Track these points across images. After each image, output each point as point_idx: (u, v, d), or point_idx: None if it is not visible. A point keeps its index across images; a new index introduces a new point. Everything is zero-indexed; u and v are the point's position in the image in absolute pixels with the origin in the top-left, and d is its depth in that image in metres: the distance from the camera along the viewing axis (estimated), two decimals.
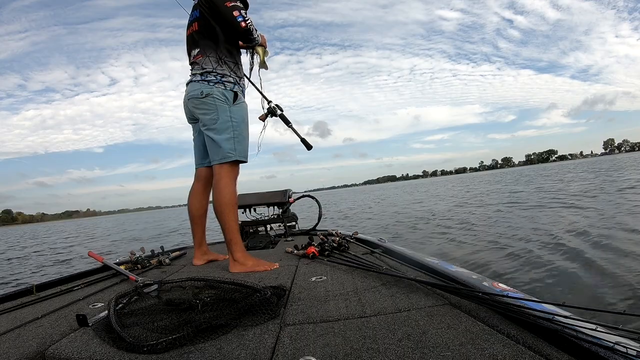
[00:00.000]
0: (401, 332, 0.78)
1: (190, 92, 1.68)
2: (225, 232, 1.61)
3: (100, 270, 1.82)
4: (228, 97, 1.64)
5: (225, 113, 1.62)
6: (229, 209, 1.61)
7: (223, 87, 1.64)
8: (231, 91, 1.65)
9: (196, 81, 1.66)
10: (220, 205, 1.61)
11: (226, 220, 1.61)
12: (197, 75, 1.67)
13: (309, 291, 1.16)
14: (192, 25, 1.70)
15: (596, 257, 3.00)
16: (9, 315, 1.16)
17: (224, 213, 1.61)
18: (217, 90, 1.62)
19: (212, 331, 0.84)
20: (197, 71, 1.67)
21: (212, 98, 1.61)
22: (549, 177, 19.81)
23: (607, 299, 2.16)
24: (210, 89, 1.62)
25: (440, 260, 1.30)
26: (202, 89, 1.62)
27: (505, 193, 11.97)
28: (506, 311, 0.80)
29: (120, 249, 7.81)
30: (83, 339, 0.87)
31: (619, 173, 14.56)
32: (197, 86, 1.65)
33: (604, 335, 0.63)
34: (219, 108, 1.62)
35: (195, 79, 1.67)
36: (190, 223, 1.89)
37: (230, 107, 1.64)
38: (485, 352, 0.66)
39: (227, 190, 1.62)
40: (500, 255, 3.51)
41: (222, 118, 1.62)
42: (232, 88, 1.66)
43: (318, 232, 2.43)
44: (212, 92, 1.61)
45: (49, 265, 6.47)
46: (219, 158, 1.65)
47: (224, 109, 1.62)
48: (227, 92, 1.64)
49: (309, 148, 1.95)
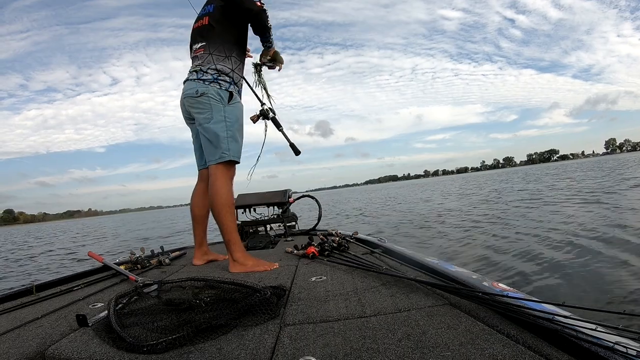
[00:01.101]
0: (401, 332, 0.78)
1: (186, 91, 1.68)
2: (224, 233, 1.61)
3: (100, 270, 1.82)
4: (223, 97, 1.63)
5: (220, 113, 1.62)
6: (226, 209, 1.61)
7: (218, 86, 1.63)
8: (226, 91, 1.65)
9: (192, 80, 1.66)
10: (217, 206, 1.61)
11: (224, 220, 1.61)
12: (193, 74, 1.66)
13: (308, 291, 1.16)
14: (202, 19, 1.69)
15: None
16: (9, 315, 1.16)
17: (222, 214, 1.61)
18: (212, 89, 1.62)
19: (212, 331, 0.84)
20: (194, 68, 1.67)
21: (206, 97, 1.61)
22: (557, 175, 19.61)
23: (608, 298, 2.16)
24: (206, 87, 1.61)
25: (440, 260, 1.30)
26: (197, 88, 1.62)
27: (524, 191, 11.83)
28: (506, 311, 0.80)
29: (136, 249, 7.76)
30: (83, 339, 0.87)
31: (629, 171, 14.54)
32: (192, 85, 1.65)
33: (604, 335, 0.63)
34: (213, 107, 1.62)
35: (191, 77, 1.67)
36: (192, 222, 1.89)
37: (225, 106, 1.63)
38: (485, 352, 0.66)
39: (224, 190, 1.62)
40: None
41: (216, 117, 1.62)
42: (227, 88, 1.65)
43: (318, 232, 2.43)
44: (207, 92, 1.61)
45: (68, 264, 6.48)
46: (213, 158, 1.65)
47: (218, 109, 1.62)
48: (222, 91, 1.63)
49: (297, 153, 1.94)
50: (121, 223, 30.16)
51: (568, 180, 14.22)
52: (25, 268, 6.48)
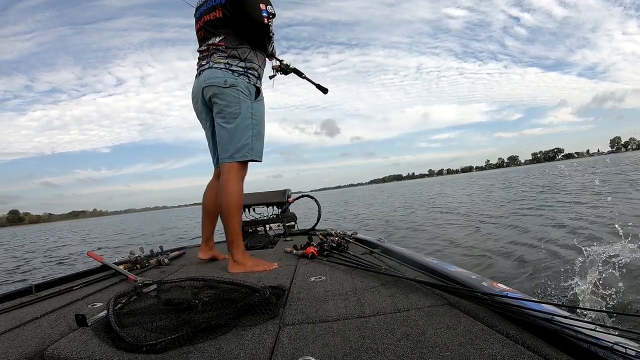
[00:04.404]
0: (400, 332, 0.78)
1: (210, 79, 1.54)
2: (228, 234, 1.58)
3: (100, 270, 1.81)
4: (251, 92, 1.56)
5: (248, 109, 1.54)
6: (235, 210, 1.57)
7: (247, 79, 1.56)
8: (254, 86, 1.59)
9: (218, 68, 1.54)
10: (227, 206, 1.56)
11: (232, 221, 1.57)
12: (220, 63, 1.54)
13: (308, 291, 1.16)
14: (215, 11, 1.56)
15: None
16: (8, 315, 1.16)
17: (230, 214, 1.56)
18: (242, 82, 1.53)
19: (211, 331, 0.84)
20: (220, 58, 1.54)
21: (236, 90, 1.52)
22: (577, 172, 18.01)
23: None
24: (235, 79, 1.52)
25: (439, 260, 1.30)
26: (225, 78, 1.52)
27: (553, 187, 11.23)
28: (505, 311, 0.80)
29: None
30: (82, 339, 0.87)
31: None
32: (219, 73, 1.53)
33: (603, 335, 0.63)
34: (242, 102, 1.53)
35: (216, 65, 1.54)
36: (202, 216, 1.82)
37: (253, 102, 1.57)
38: (484, 352, 0.66)
39: (236, 191, 1.57)
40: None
41: (244, 113, 1.53)
42: (255, 82, 1.59)
43: (317, 232, 2.44)
44: (236, 83, 1.51)
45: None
46: (231, 155, 1.57)
47: (247, 104, 1.54)
48: (250, 86, 1.56)
49: (325, 92, 1.92)
50: (141, 221, 29.73)
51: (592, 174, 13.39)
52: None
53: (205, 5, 1.63)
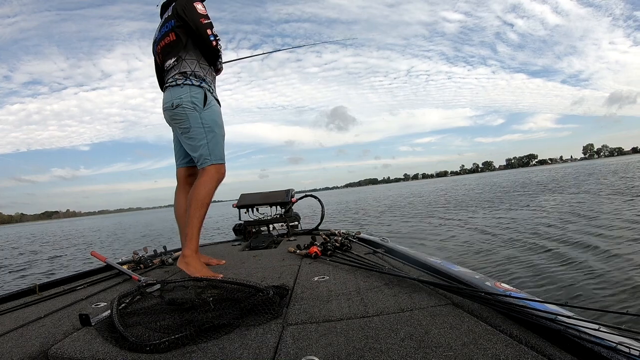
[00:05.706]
0: (404, 332, 0.78)
1: (164, 104, 1.72)
2: (188, 226, 1.62)
3: (103, 270, 1.83)
4: (197, 103, 1.65)
5: (197, 120, 1.65)
6: (198, 205, 1.63)
7: (190, 85, 1.65)
8: (199, 87, 1.66)
9: (168, 87, 1.69)
10: (192, 199, 1.63)
11: (193, 214, 1.61)
12: (173, 79, 1.68)
13: (311, 291, 1.16)
14: (169, 36, 1.71)
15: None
16: (12, 315, 1.17)
17: (192, 207, 1.62)
18: (187, 97, 1.64)
19: (215, 331, 0.85)
20: (175, 76, 1.68)
21: (182, 108, 1.64)
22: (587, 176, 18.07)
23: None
24: (180, 99, 1.64)
25: (442, 260, 1.30)
26: (172, 101, 1.66)
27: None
28: (509, 311, 0.80)
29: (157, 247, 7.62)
30: (86, 339, 0.88)
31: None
32: (167, 97, 1.69)
33: (607, 335, 0.63)
34: (189, 117, 1.65)
35: (171, 83, 1.69)
36: (178, 227, 1.86)
37: (201, 113, 1.65)
38: (488, 352, 0.66)
39: (203, 188, 1.64)
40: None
41: (194, 126, 1.65)
42: (200, 84, 1.67)
43: (321, 231, 2.44)
44: (181, 102, 1.64)
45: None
46: (199, 163, 1.70)
47: (195, 117, 1.65)
48: (195, 95, 1.65)
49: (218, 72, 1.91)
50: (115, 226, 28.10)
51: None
52: None
53: (159, 34, 1.78)
